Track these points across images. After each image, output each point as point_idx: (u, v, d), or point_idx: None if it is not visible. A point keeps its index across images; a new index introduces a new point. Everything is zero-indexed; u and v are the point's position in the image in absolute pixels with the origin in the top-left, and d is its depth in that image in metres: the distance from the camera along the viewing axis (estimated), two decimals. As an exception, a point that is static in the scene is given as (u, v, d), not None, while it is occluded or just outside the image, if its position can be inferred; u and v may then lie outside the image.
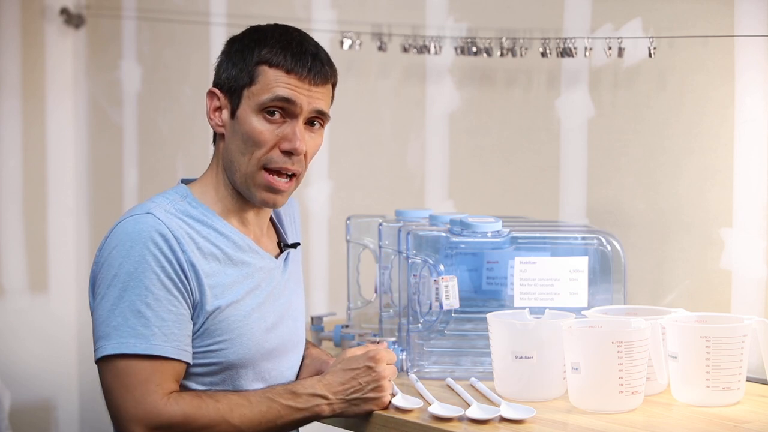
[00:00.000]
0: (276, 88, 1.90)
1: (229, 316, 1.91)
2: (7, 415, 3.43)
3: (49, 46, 3.75)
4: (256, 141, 1.91)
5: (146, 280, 1.84)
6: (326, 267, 3.07)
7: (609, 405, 1.89)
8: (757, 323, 1.98)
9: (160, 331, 1.83)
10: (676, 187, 2.35)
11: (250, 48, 1.93)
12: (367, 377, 1.91)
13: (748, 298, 2.23)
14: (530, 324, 1.99)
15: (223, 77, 1.95)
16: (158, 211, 1.89)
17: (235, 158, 1.93)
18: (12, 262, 3.73)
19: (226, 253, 1.93)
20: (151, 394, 1.82)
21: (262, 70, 1.91)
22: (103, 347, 1.85)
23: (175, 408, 1.82)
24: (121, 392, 1.83)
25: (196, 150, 3.42)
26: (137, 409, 1.81)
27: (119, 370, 1.83)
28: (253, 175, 1.92)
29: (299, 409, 1.88)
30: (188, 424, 1.82)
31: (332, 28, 2.93)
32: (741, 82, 2.23)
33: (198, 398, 1.84)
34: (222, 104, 1.95)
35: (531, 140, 2.61)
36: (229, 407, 1.85)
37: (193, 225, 1.91)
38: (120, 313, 1.84)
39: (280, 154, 1.92)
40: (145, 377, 1.82)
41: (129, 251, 1.85)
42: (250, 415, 1.86)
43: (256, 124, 1.91)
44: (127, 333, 1.83)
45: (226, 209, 1.97)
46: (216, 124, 1.96)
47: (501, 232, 2.19)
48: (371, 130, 2.93)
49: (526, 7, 2.59)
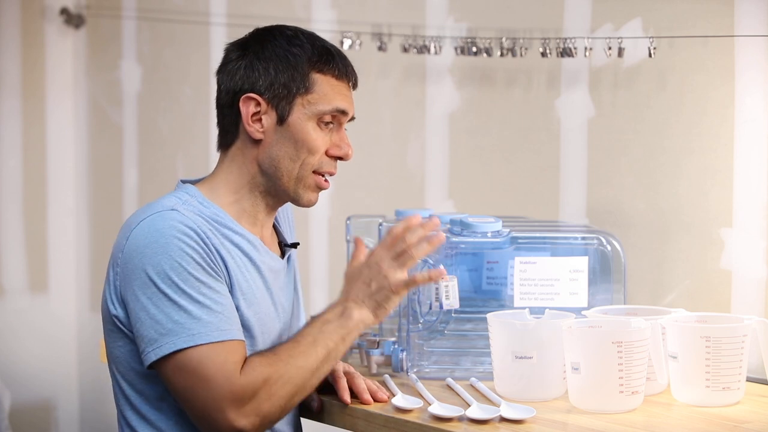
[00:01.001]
0: (334, 99, 1.94)
1: (243, 314, 1.92)
2: (7, 415, 3.43)
3: (49, 46, 3.75)
4: (311, 148, 1.94)
5: (193, 271, 1.84)
6: (326, 267, 3.07)
7: (609, 405, 1.89)
8: (757, 323, 1.98)
9: (223, 316, 1.84)
10: (676, 187, 2.35)
11: (294, 54, 1.93)
12: (368, 274, 1.91)
13: (748, 298, 2.23)
14: (530, 324, 1.99)
15: (263, 82, 1.93)
16: (180, 208, 1.89)
17: (282, 163, 1.94)
18: (12, 262, 3.73)
19: (245, 251, 1.94)
20: (232, 374, 1.81)
21: (317, 78, 1.94)
22: (171, 343, 1.82)
23: (253, 375, 1.82)
24: (202, 384, 1.82)
25: (196, 150, 3.42)
26: (224, 393, 1.81)
27: (195, 363, 1.82)
28: (305, 178, 1.95)
29: (338, 326, 1.88)
30: (269, 384, 1.82)
31: (332, 28, 2.93)
32: (741, 82, 2.23)
33: (265, 358, 1.85)
34: (263, 110, 1.94)
35: (531, 140, 2.61)
36: (288, 354, 1.85)
37: (211, 224, 1.92)
38: (180, 307, 1.83)
39: (328, 159, 1.96)
40: (222, 361, 1.82)
41: (165, 246, 1.84)
42: (306, 350, 1.85)
43: (312, 132, 1.94)
44: (194, 325, 1.82)
45: (241, 210, 1.97)
46: (256, 130, 1.95)
47: (501, 232, 2.19)
48: (371, 130, 2.93)
49: (526, 7, 2.59)
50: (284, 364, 1.84)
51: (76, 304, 3.84)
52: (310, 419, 2.03)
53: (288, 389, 1.84)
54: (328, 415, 1.99)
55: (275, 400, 1.83)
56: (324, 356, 1.87)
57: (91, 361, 3.73)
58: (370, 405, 1.95)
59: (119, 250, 1.89)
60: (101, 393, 3.69)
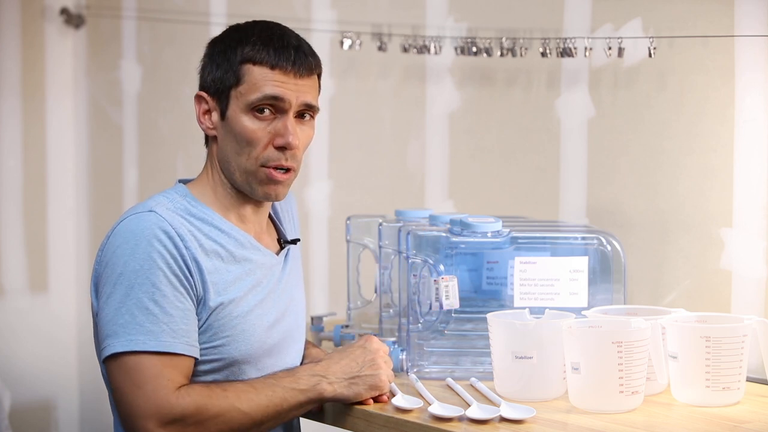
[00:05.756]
0: (263, 86, 1.92)
1: (231, 312, 1.91)
2: (7, 415, 3.43)
3: (49, 46, 3.75)
4: (249, 140, 1.93)
5: (153, 276, 1.84)
6: (326, 267, 3.07)
7: (609, 405, 1.89)
8: (757, 323, 1.98)
9: (168, 328, 1.84)
10: (676, 187, 2.35)
11: (232, 48, 1.95)
12: (362, 357, 1.94)
13: (748, 298, 2.23)
14: (530, 324, 1.99)
15: (209, 80, 1.96)
16: (160, 209, 1.90)
17: (231, 158, 1.95)
18: (12, 262, 3.73)
19: (228, 249, 1.94)
20: (162, 389, 1.81)
21: (247, 69, 1.93)
22: (112, 345, 1.84)
23: (186, 400, 1.82)
24: (132, 389, 1.82)
25: (196, 150, 3.40)
26: (149, 404, 1.81)
27: (129, 368, 1.83)
28: (254, 172, 1.94)
29: (302, 390, 1.89)
30: (200, 414, 1.82)
31: (332, 28, 2.93)
32: (741, 82, 2.23)
33: (207, 389, 1.85)
34: (210, 107, 1.97)
35: (531, 140, 2.61)
36: (236, 395, 1.85)
37: (195, 223, 1.92)
38: (127, 310, 1.84)
39: (274, 150, 1.93)
40: (155, 373, 1.82)
41: (134, 249, 1.85)
42: (257, 400, 1.86)
43: (247, 124, 1.93)
44: (135, 330, 1.83)
45: (225, 208, 1.98)
46: (207, 127, 1.98)
47: (501, 232, 2.19)
48: (371, 130, 2.93)
49: (526, 7, 2.59)
50: (226, 402, 1.84)
51: (76, 304, 3.84)
52: (310, 419, 2.03)
53: (220, 427, 1.83)
54: (328, 415, 1.99)
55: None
56: (273, 414, 1.87)
57: (91, 361, 3.72)
58: (370, 405, 1.95)
59: (101, 248, 1.91)
60: (101, 393, 3.69)
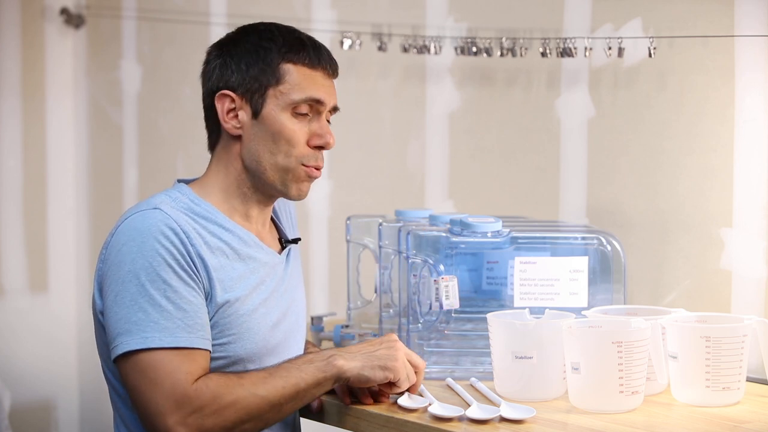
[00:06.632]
0: (307, 87, 1.93)
1: (237, 310, 1.92)
2: (7, 415, 3.43)
3: (49, 46, 3.75)
4: (288, 139, 1.93)
5: (163, 273, 1.84)
6: (326, 267, 3.07)
7: (609, 405, 1.89)
8: (757, 323, 1.98)
9: (183, 323, 1.83)
10: (676, 187, 2.35)
11: (264, 47, 1.94)
12: (380, 343, 1.92)
13: (748, 298, 2.23)
14: (530, 324, 1.99)
15: (235, 79, 1.95)
16: (165, 207, 1.90)
17: (263, 157, 1.94)
18: (12, 262, 3.73)
19: (232, 247, 1.94)
20: (181, 383, 1.81)
21: (287, 69, 1.93)
22: (126, 343, 1.83)
23: (204, 390, 1.81)
24: (150, 387, 1.81)
25: (196, 150, 3.41)
26: (168, 400, 1.80)
27: (145, 365, 1.82)
28: (294, 170, 1.94)
29: (317, 366, 1.87)
30: (216, 403, 1.81)
31: (332, 28, 2.93)
32: (741, 82, 2.23)
33: (224, 377, 1.84)
34: (238, 106, 1.95)
35: (531, 140, 2.61)
36: (251, 381, 1.84)
37: (199, 221, 1.92)
38: (140, 308, 1.83)
39: (311, 150, 1.95)
40: (172, 368, 1.81)
41: (141, 246, 1.85)
42: (273, 382, 1.84)
43: (287, 123, 1.93)
44: (150, 327, 1.82)
45: (231, 207, 1.98)
46: (233, 126, 1.96)
47: (501, 232, 2.19)
48: (371, 130, 2.93)
49: (526, 7, 2.59)
50: (243, 390, 1.83)
51: (76, 304, 3.84)
52: (310, 419, 2.03)
53: (239, 415, 1.82)
54: (328, 415, 1.99)
55: (220, 421, 1.81)
56: (291, 395, 1.85)
57: (91, 361, 3.72)
58: (370, 405, 1.95)
59: (105, 246, 1.91)
60: (101, 393, 3.69)
